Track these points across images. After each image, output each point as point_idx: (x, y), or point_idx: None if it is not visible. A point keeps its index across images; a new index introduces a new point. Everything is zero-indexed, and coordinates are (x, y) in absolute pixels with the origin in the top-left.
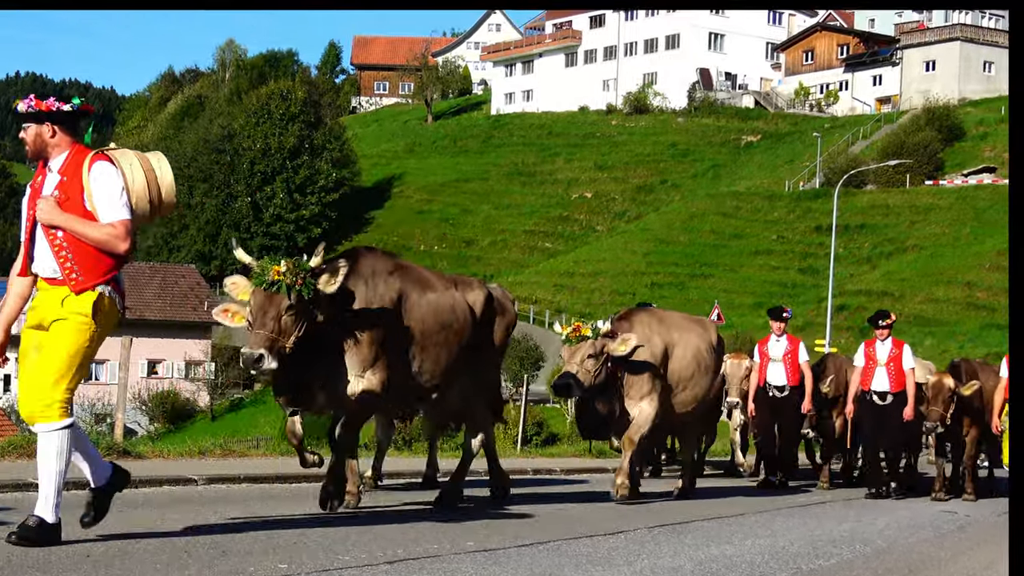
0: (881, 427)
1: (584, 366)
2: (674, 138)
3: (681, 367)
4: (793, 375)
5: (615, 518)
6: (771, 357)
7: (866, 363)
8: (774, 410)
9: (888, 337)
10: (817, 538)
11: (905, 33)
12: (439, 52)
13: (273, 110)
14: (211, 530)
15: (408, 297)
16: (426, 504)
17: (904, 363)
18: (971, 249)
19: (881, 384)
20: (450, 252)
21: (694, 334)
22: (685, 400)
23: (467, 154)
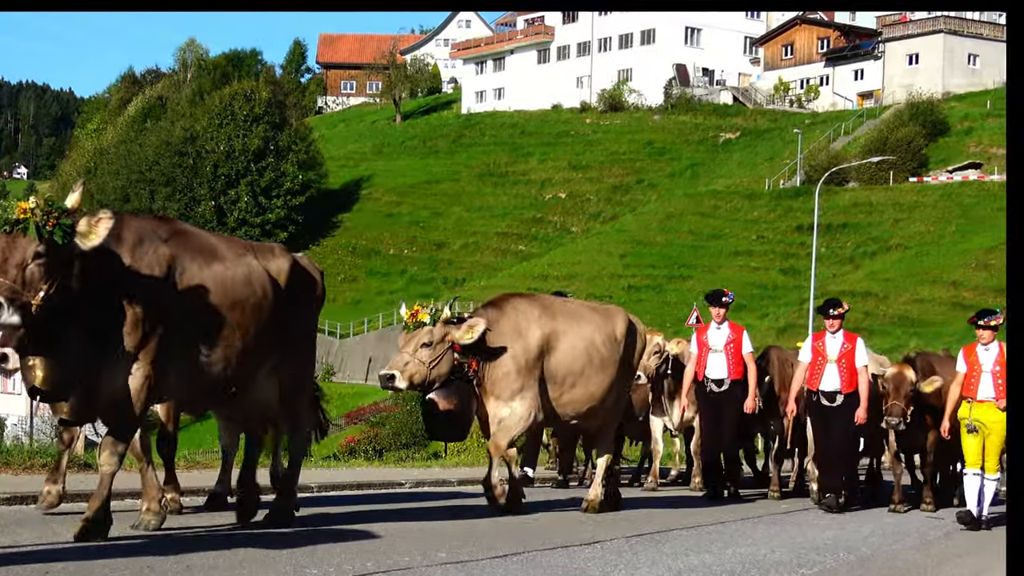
0: (829, 431)
1: (418, 356)
2: (650, 136)
3: (567, 361)
4: (735, 367)
5: (592, 528)
6: (710, 347)
7: (813, 359)
8: (713, 407)
9: (839, 330)
10: (799, 546)
11: (887, 26)
12: (407, 50)
13: (237, 111)
14: (175, 544)
15: (186, 269)
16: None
17: (856, 360)
18: (957, 248)
19: (831, 383)
20: (420, 256)
21: (589, 324)
22: (576, 399)
23: (437, 155)
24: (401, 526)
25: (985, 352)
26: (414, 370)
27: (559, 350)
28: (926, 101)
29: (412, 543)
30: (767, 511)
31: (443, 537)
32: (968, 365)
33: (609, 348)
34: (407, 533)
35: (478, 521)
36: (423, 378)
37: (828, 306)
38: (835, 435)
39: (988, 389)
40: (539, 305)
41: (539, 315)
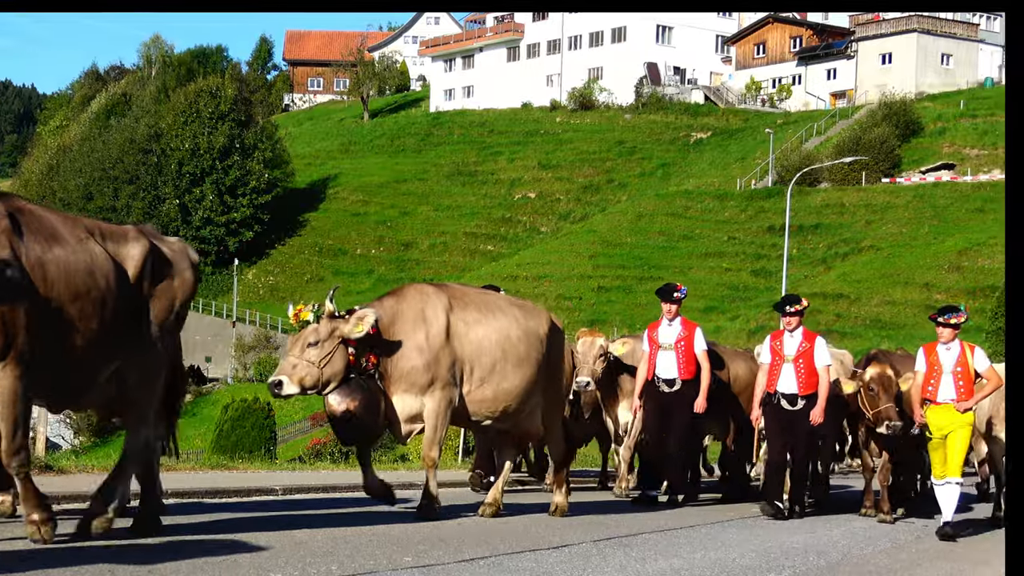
0: (788, 435)
1: (306, 356)
2: (621, 135)
3: (477, 354)
4: (687, 366)
5: (560, 531)
6: (661, 344)
7: (772, 359)
8: (663, 408)
9: (798, 328)
10: (769, 550)
11: (860, 25)
12: (375, 47)
13: (202, 108)
14: (136, 548)
15: (28, 251)
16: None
17: (816, 360)
18: (929, 249)
19: (788, 385)
20: (388, 256)
21: (506, 317)
22: (488, 397)
23: (405, 153)
24: (367, 529)
25: (946, 352)
26: (303, 372)
27: (469, 342)
28: (899, 101)
29: (378, 547)
30: (738, 515)
31: (409, 541)
32: (928, 365)
33: (528, 345)
34: (373, 536)
35: (444, 524)
36: (315, 380)
37: (785, 303)
38: (798, 439)
39: (948, 391)
40: (448, 293)
41: (447, 302)
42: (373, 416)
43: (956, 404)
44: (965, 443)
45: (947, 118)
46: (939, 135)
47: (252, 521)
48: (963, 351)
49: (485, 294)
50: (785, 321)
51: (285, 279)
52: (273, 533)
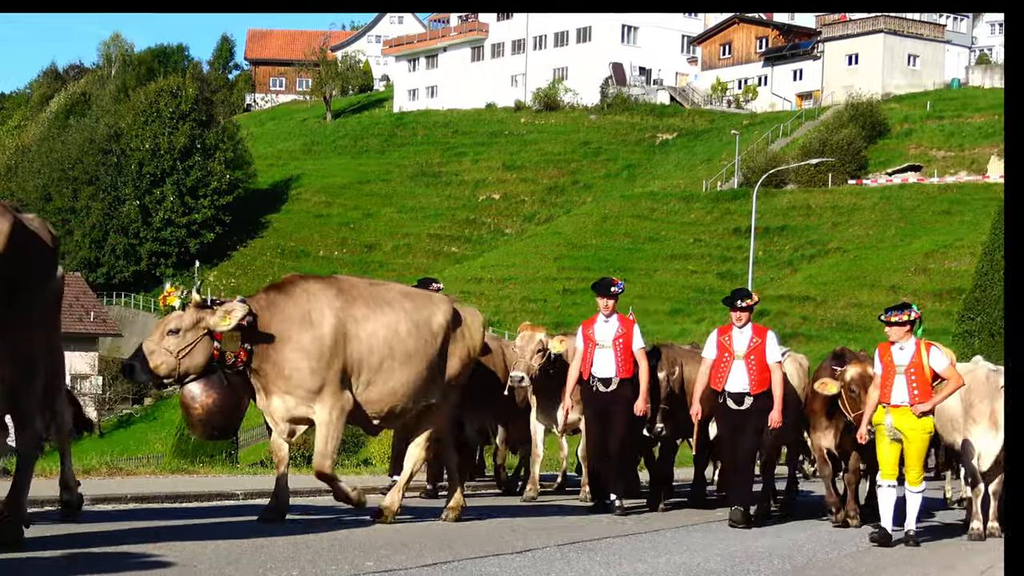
0: (737, 437)
1: (164, 344)
2: (586, 136)
3: (364, 352)
4: (624, 365)
5: (524, 536)
6: (597, 342)
7: (719, 356)
8: (601, 410)
9: (748, 323)
10: (734, 555)
11: (826, 25)
12: (338, 46)
13: (162, 108)
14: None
15: None
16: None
17: (768, 356)
18: (896, 251)
19: (738, 383)
20: (351, 258)
21: (395, 311)
22: (375, 397)
23: (368, 154)
24: (329, 534)
25: (899, 351)
26: (159, 360)
27: (357, 338)
28: (865, 102)
29: (340, 552)
30: (703, 519)
31: (371, 545)
32: (883, 366)
33: (418, 339)
34: (334, 541)
35: (407, 529)
36: (170, 369)
37: (735, 297)
38: (745, 441)
39: (902, 392)
40: (335, 288)
41: (334, 299)
42: (230, 415)
43: (912, 407)
44: (923, 448)
45: (914, 119)
46: (906, 136)
47: (213, 526)
48: (918, 350)
49: (375, 286)
50: (735, 316)
51: (247, 281)
52: (234, 538)
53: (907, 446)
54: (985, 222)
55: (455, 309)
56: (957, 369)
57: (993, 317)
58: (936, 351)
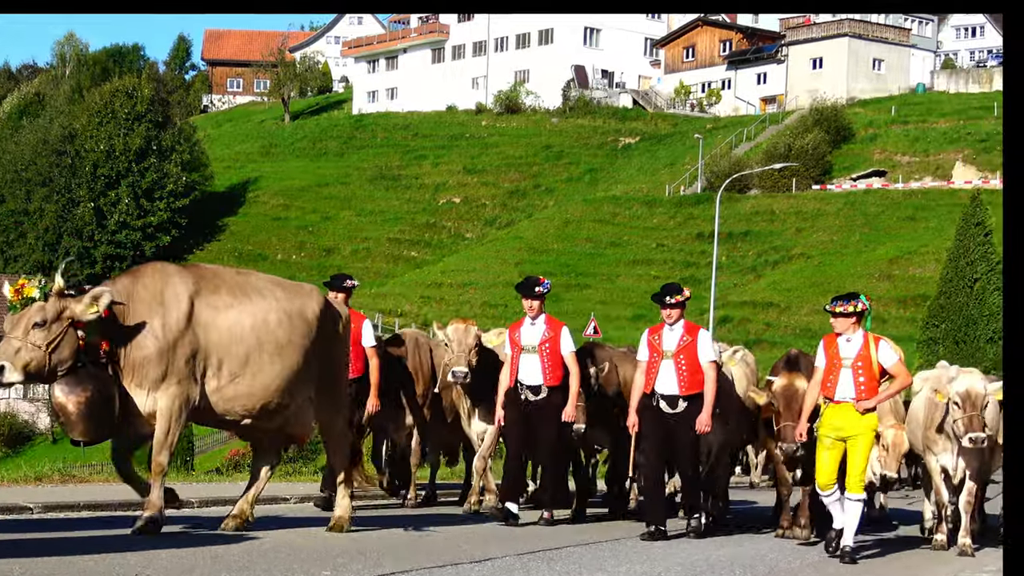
0: (668, 444)
1: (31, 339)
2: (548, 140)
3: (227, 344)
4: (552, 371)
5: (483, 545)
6: (524, 347)
7: (649, 356)
8: (527, 417)
9: (679, 321)
10: (695, 564)
11: (791, 29)
12: (297, 47)
13: (118, 109)
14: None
15: None
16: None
17: (700, 355)
18: (860, 257)
19: (668, 385)
20: (309, 262)
21: (264, 300)
22: (243, 393)
23: (327, 156)
24: (285, 542)
25: (846, 344)
26: (28, 357)
27: (217, 329)
28: (830, 107)
29: (295, 560)
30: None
31: (328, 553)
32: (827, 359)
33: (291, 329)
34: (291, 549)
35: (366, 537)
36: (41, 365)
37: (665, 293)
38: (681, 448)
39: (847, 388)
40: (195, 274)
41: (192, 285)
42: (106, 411)
43: (856, 404)
44: (867, 451)
45: (878, 124)
46: (870, 141)
47: (168, 535)
48: (866, 343)
49: (242, 275)
50: (665, 313)
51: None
52: (189, 547)
53: (850, 446)
54: (950, 228)
55: (327, 298)
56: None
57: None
58: (885, 345)
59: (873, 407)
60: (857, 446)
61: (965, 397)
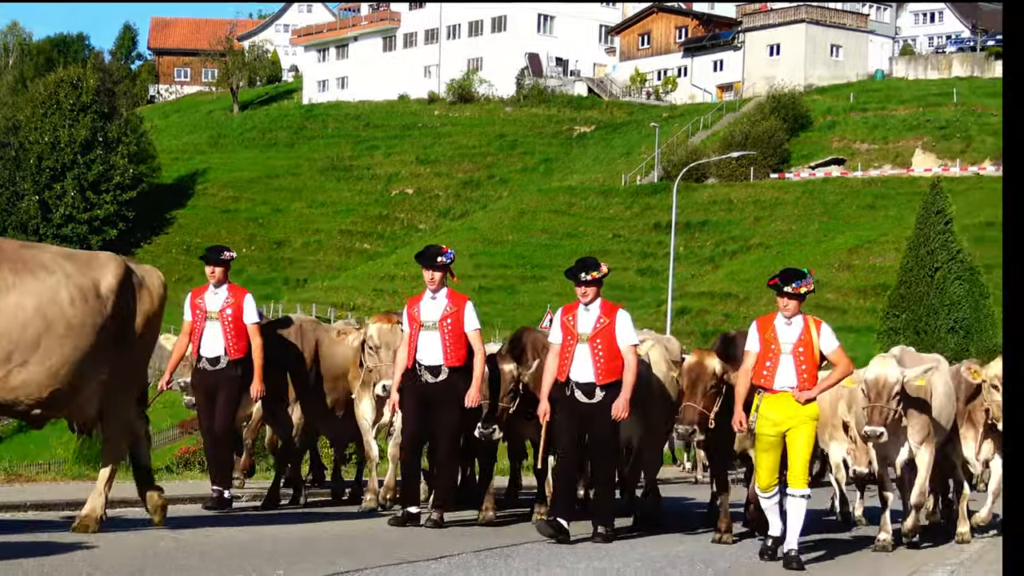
0: (584, 436)
1: None
2: (502, 129)
3: (12, 327)
4: (454, 351)
5: (438, 542)
6: (423, 323)
7: (564, 339)
8: (425, 401)
9: (595, 300)
10: (654, 560)
11: (747, 15)
12: (245, 35)
13: (62, 100)
14: None
15: None
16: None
17: (619, 338)
18: (820, 247)
19: (584, 372)
20: (260, 255)
21: (52, 276)
22: (31, 380)
23: (277, 147)
24: (236, 540)
25: (786, 327)
26: None
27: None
28: (787, 94)
29: (247, 559)
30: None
31: (280, 552)
32: (763, 343)
33: (83, 308)
34: (243, 548)
35: (319, 535)
36: None
37: (580, 268)
38: (598, 442)
39: (788, 376)
40: None
41: None
42: None
43: (796, 394)
44: (808, 444)
45: (837, 111)
46: (828, 129)
47: (117, 536)
48: (807, 327)
49: (26, 248)
50: (579, 292)
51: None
52: (137, 546)
53: (790, 438)
54: (910, 217)
55: (129, 267)
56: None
57: (918, 314)
58: (827, 329)
59: (815, 397)
60: (798, 437)
61: (871, 386)
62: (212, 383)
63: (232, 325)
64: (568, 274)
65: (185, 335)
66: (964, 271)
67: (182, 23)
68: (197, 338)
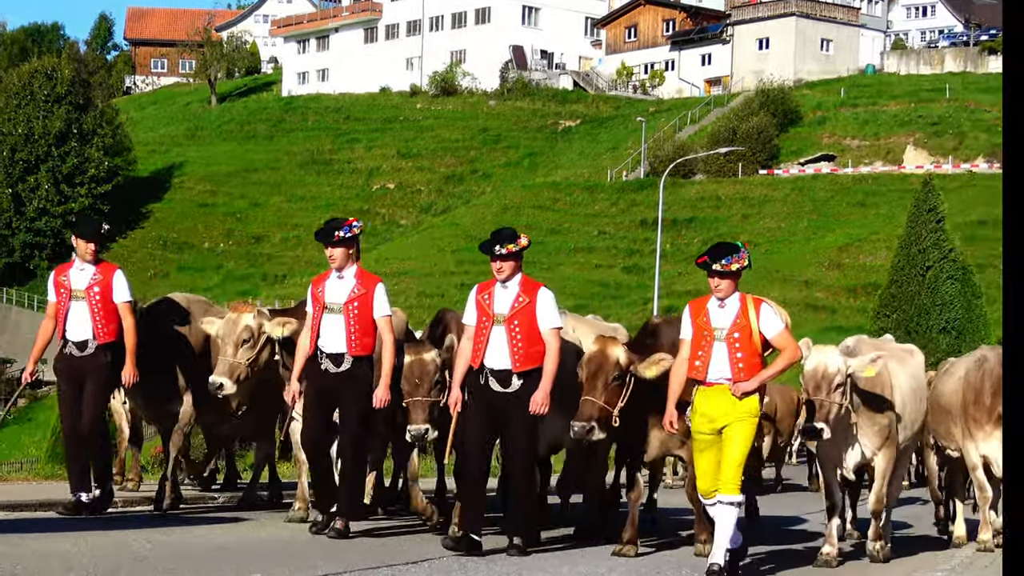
0: (498, 430)
1: None
2: (485, 123)
3: None
4: (360, 337)
5: (419, 546)
6: (327, 305)
7: (478, 321)
8: (326, 394)
9: (514, 276)
10: (640, 564)
11: (736, 8)
12: (223, 26)
13: (36, 91)
14: None
15: None
16: None
17: (541, 320)
18: (809, 245)
19: (499, 357)
20: (238, 250)
21: None
22: None
23: (256, 140)
24: (216, 542)
25: (720, 311)
26: None
27: None
28: (777, 88)
29: (225, 561)
30: None
31: (258, 554)
32: (695, 329)
33: None
34: (222, 549)
35: (296, 537)
36: None
37: (495, 240)
38: (513, 438)
39: (722, 366)
40: None
41: None
42: None
43: (733, 387)
44: (746, 441)
45: (827, 107)
46: (818, 125)
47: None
48: (743, 310)
49: None
50: (495, 267)
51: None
52: (111, 548)
53: (727, 437)
54: (901, 214)
55: None
56: None
57: (909, 314)
58: (768, 310)
59: (754, 390)
60: (734, 436)
61: (809, 378)
62: (79, 370)
63: (100, 305)
64: (483, 248)
65: (50, 318)
66: (956, 270)
67: (159, 13)
68: (62, 320)
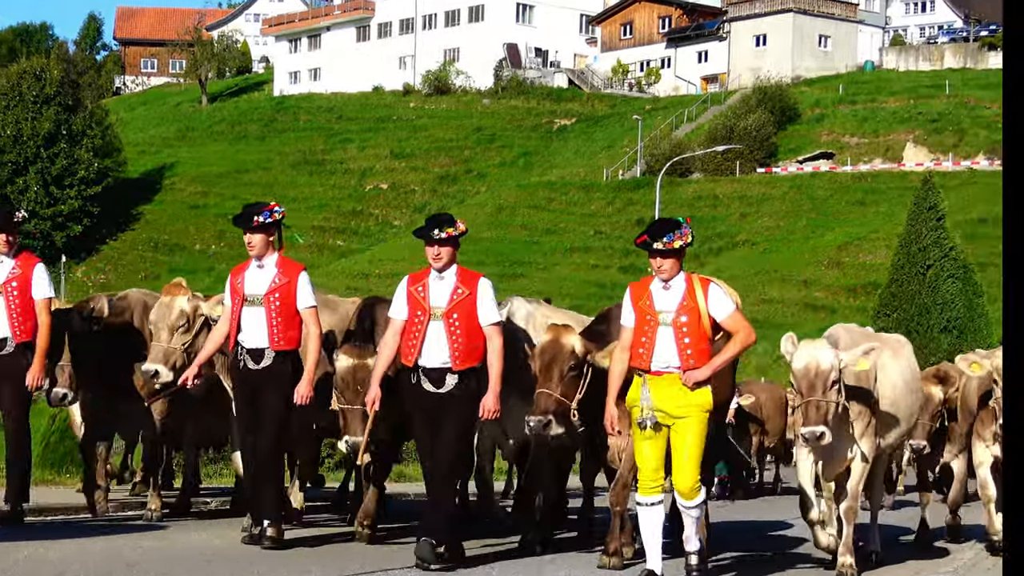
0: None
1: None
2: (479, 122)
3: None
4: (283, 332)
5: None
6: (246, 297)
7: (410, 315)
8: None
9: (451, 266)
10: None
11: (733, 4)
12: (214, 25)
13: (25, 92)
14: None
15: None
16: None
17: (481, 314)
18: (808, 244)
19: (436, 354)
20: (229, 252)
21: None
22: None
23: (247, 141)
24: (209, 547)
25: (664, 293)
26: None
27: None
28: (774, 85)
29: (217, 566)
30: None
31: (254, 559)
32: (637, 313)
33: None
34: (215, 555)
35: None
36: None
37: (432, 225)
38: (443, 440)
39: (668, 353)
40: None
41: None
42: None
43: (683, 376)
44: (700, 438)
45: (825, 104)
46: (817, 122)
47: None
48: (690, 291)
49: None
50: (431, 253)
51: (117, 277)
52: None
53: (675, 435)
54: (901, 213)
55: None
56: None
57: (910, 313)
58: (717, 290)
59: (706, 380)
60: (685, 432)
61: (801, 377)
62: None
63: (17, 301)
64: (418, 233)
65: None
66: (957, 269)
67: (149, 12)
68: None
